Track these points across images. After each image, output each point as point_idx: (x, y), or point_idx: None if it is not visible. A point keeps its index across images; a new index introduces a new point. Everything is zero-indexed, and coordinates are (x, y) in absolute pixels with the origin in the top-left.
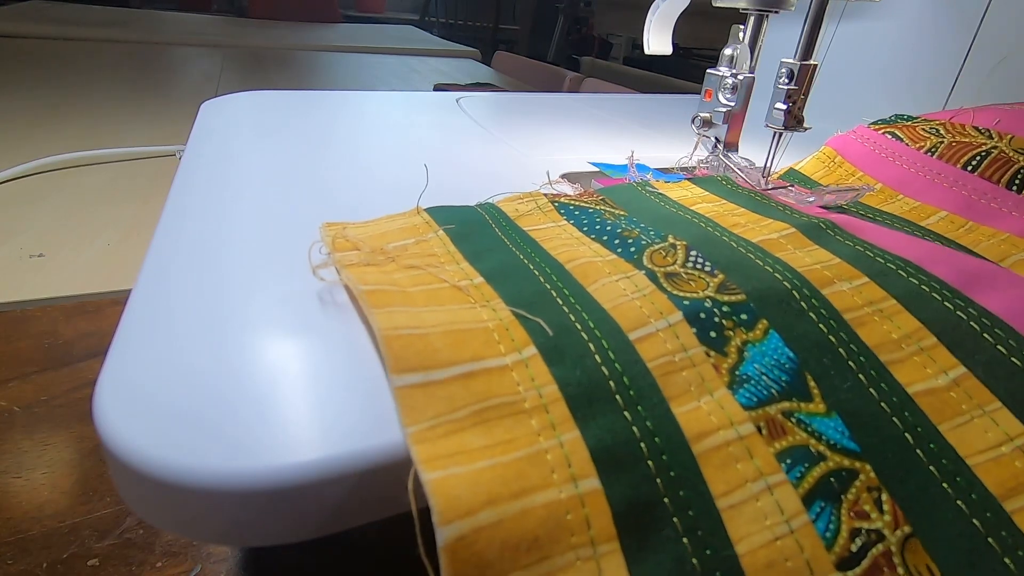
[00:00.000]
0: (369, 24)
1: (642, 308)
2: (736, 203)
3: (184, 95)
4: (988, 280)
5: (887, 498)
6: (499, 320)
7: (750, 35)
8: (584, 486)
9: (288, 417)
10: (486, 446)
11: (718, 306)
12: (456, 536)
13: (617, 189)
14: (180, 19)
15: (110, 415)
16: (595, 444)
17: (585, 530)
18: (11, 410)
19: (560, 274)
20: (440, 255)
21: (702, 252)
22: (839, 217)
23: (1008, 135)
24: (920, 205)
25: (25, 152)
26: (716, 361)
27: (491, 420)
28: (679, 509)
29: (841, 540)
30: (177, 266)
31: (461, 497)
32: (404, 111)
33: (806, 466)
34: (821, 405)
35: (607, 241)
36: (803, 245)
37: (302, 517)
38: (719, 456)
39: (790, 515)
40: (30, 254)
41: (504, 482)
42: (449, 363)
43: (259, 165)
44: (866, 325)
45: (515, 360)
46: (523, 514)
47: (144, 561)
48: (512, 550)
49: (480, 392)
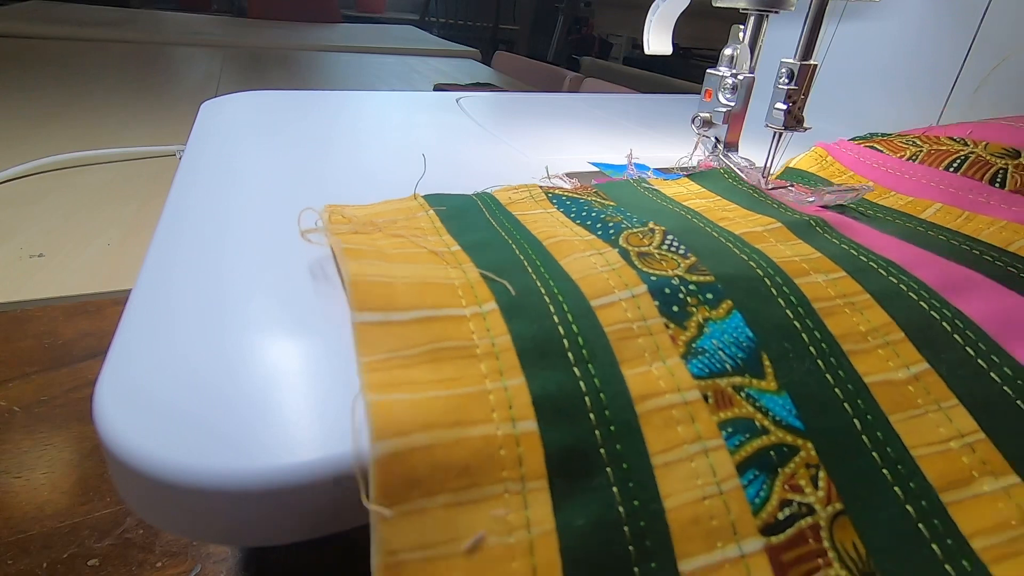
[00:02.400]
0: (369, 24)
1: (609, 280)
2: (731, 200)
3: (184, 95)
4: (970, 287)
5: (824, 476)
6: (466, 279)
7: (750, 35)
8: (521, 427)
9: (288, 417)
10: (432, 380)
11: (685, 284)
12: (389, 451)
13: (612, 185)
14: (180, 19)
15: (110, 415)
16: (539, 392)
17: (516, 466)
18: (11, 410)
19: (536, 248)
20: (426, 229)
21: (679, 238)
22: (832, 216)
23: (983, 142)
24: (914, 200)
25: (25, 152)
26: (674, 333)
27: (442, 360)
28: (614, 460)
29: (770, 508)
30: (177, 266)
31: (400, 420)
32: (404, 111)
33: (747, 436)
34: (773, 383)
35: (590, 225)
36: (787, 239)
37: (302, 517)
38: (661, 417)
39: (722, 478)
40: (30, 254)
41: (443, 412)
42: (410, 307)
43: (259, 165)
44: (835, 315)
45: (474, 312)
46: (457, 442)
47: (144, 561)
48: (443, 472)
49: (435, 335)
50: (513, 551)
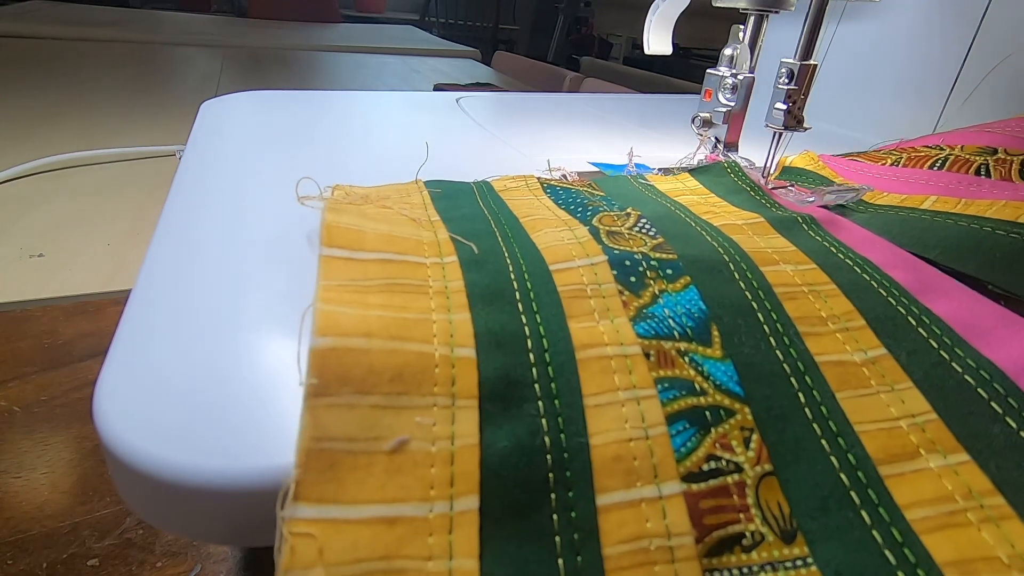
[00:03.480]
0: (369, 24)
1: (571, 250)
2: (725, 199)
3: (184, 95)
4: (943, 290)
5: (757, 439)
6: (435, 239)
7: (750, 35)
8: (459, 352)
9: (288, 417)
10: (382, 305)
11: (647, 259)
12: (328, 346)
13: (608, 179)
14: (180, 19)
15: (110, 415)
16: (482, 327)
17: (449, 384)
18: (11, 410)
19: (511, 223)
20: (415, 204)
21: (653, 223)
22: (821, 213)
23: (958, 145)
24: (910, 196)
25: (25, 152)
26: (627, 299)
27: (395, 292)
28: (546, 395)
29: (695, 458)
30: (177, 266)
31: (342, 324)
32: (404, 111)
33: (681, 392)
34: (719, 351)
35: (572, 209)
36: (765, 233)
37: None
38: (599, 364)
39: (650, 424)
40: (30, 254)
41: (385, 326)
42: (375, 249)
43: (259, 165)
44: (796, 300)
45: (435, 262)
46: (394, 352)
47: (144, 561)
48: (376, 376)
49: (394, 273)
50: (433, 458)
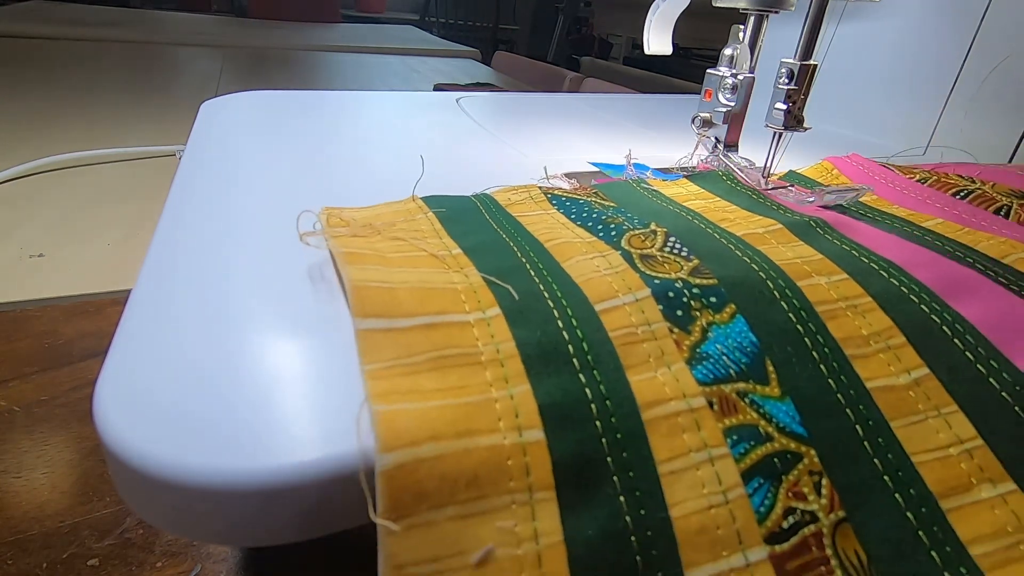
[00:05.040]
0: (369, 24)
1: (612, 283)
2: (731, 201)
3: (184, 95)
4: (970, 288)
5: (827, 483)
6: (468, 284)
7: (750, 35)
8: (528, 436)
9: (288, 416)
10: (438, 389)
11: (688, 287)
12: (396, 463)
13: (612, 185)
14: (180, 19)
15: (110, 415)
16: (545, 399)
17: (524, 476)
18: (11, 410)
19: (537, 250)
20: (426, 232)
21: (681, 239)
22: (832, 216)
23: (990, 182)
24: (916, 212)
25: (25, 152)
26: (678, 337)
27: (446, 367)
28: (620, 469)
29: (774, 516)
30: (177, 266)
31: (406, 429)
32: (404, 111)
33: (751, 444)
34: (776, 389)
35: (591, 227)
36: (788, 241)
37: (302, 517)
38: (667, 424)
39: (727, 487)
40: (30, 254)
41: (450, 422)
42: (413, 314)
43: (259, 165)
44: (837, 319)
45: (478, 318)
46: (465, 453)
47: (144, 561)
48: (451, 484)
49: (439, 342)
50: (521, 563)
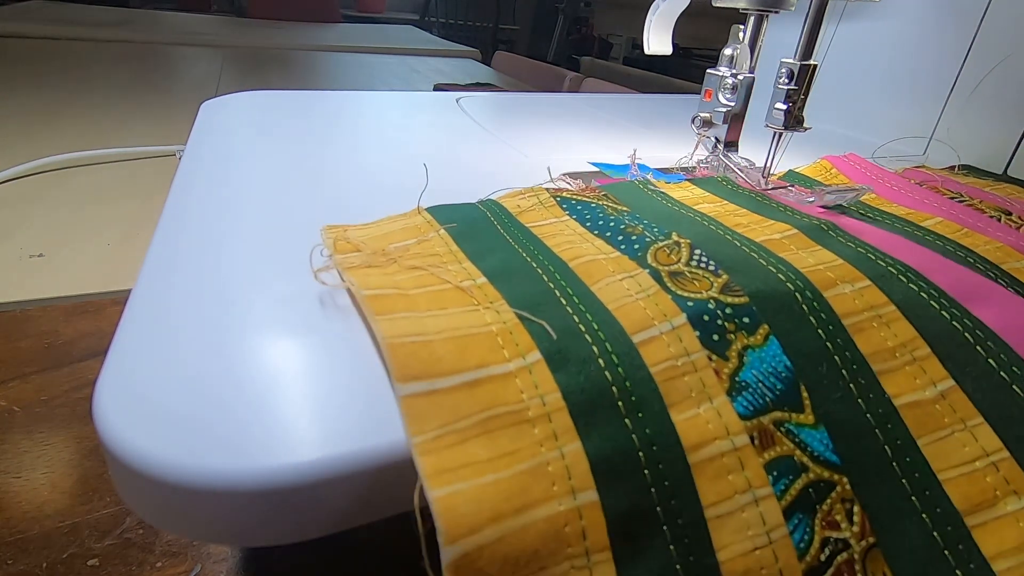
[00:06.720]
0: (369, 24)
1: (646, 309)
2: (737, 204)
3: (184, 95)
4: (984, 294)
5: (858, 509)
6: (503, 323)
7: (750, 35)
8: (582, 498)
9: (288, 417)
10: (490, 459)
11: (721, 308)
12: (460, 554)
13: (619, 186)
14: (180, 19)
15: (110, 415)
16: (595, 455)
17: (581, 541)
18: (11, 410)
19: (564, 272)
20: (442, 255)
21: (706, 251)
22: (840, 218)
23: (979, 199)
24: (915, 211)
25: (25, 152)
26: (717, 366)
27: (495, 430)
28: (670, 518)
29: (813, 550)
30: (177, 266)
31: (466, 515)
32: (404, 111)
33: (790, 479)
34: (810, 416)
35: (610, 238)
36: (806, 246)
37: (302, 517)
38: (713, 467)
39: (771, 527)
40: (30, 254)
41: (507, 497)
42: (453, 371)
43: (259, 165)
44: (864, 332)
45: (519, 366)
46: (524, 529)
47: (144, 561)
48: (512, 564)
49: (485, 401)
50: None
